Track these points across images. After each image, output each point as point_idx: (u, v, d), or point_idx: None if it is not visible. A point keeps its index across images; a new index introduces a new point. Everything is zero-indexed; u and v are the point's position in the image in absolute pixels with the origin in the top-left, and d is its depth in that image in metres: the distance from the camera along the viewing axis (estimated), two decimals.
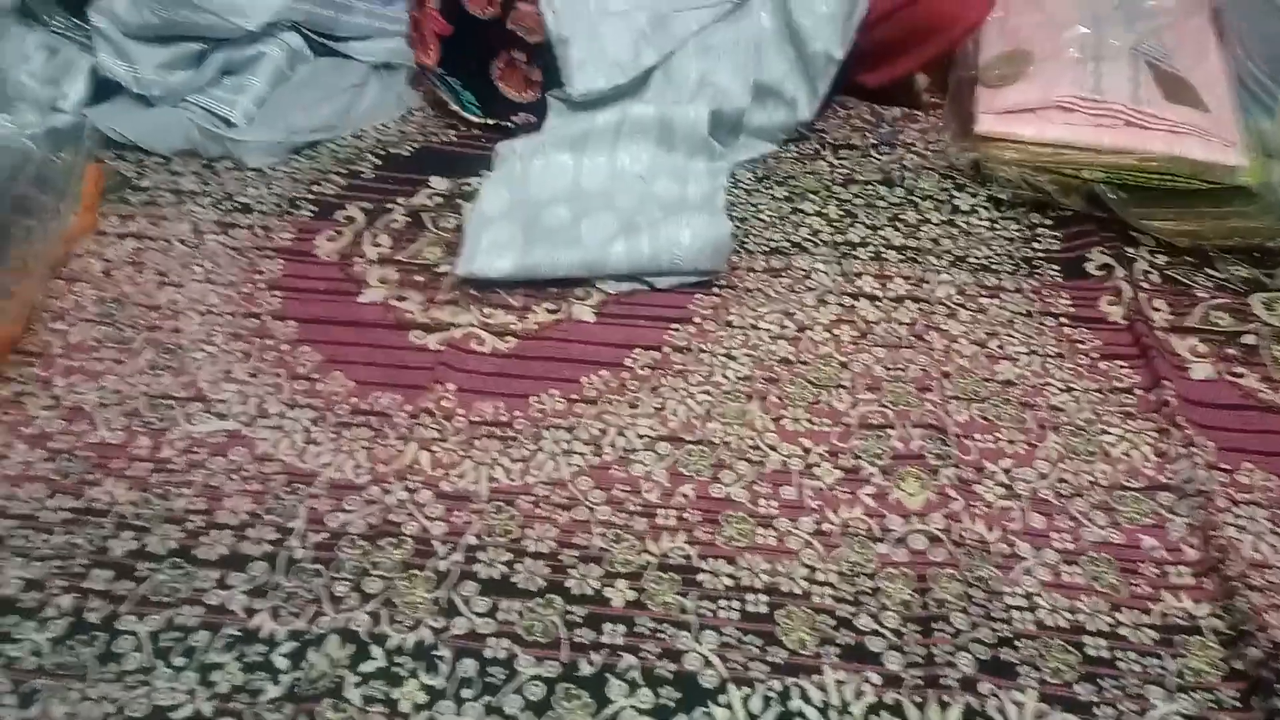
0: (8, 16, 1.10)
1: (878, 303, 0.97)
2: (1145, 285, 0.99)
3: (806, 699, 0.68)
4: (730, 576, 0.76)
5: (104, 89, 1.15)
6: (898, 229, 1.05)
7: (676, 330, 0.94)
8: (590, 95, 1.08)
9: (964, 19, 1.10)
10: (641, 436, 0.85)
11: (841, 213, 1.06)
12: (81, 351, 0.92)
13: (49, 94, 1.10)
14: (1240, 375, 0.91)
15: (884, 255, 1.02)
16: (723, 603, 0.74)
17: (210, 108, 1.13)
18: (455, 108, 1.15)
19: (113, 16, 1.10)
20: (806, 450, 0.84)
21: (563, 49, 1.07)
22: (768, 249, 1.02)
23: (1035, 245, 1.03)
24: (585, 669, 0.70)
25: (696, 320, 0.95)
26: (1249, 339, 0.94)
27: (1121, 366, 0.91)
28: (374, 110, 1.18)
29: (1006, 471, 0.83)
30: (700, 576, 0.76)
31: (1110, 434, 0.86)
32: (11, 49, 1.08)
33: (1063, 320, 0.95)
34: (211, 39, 1.14)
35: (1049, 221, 1.06)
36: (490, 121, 1.15)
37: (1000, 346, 0.93)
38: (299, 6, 1.16)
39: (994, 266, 1.01)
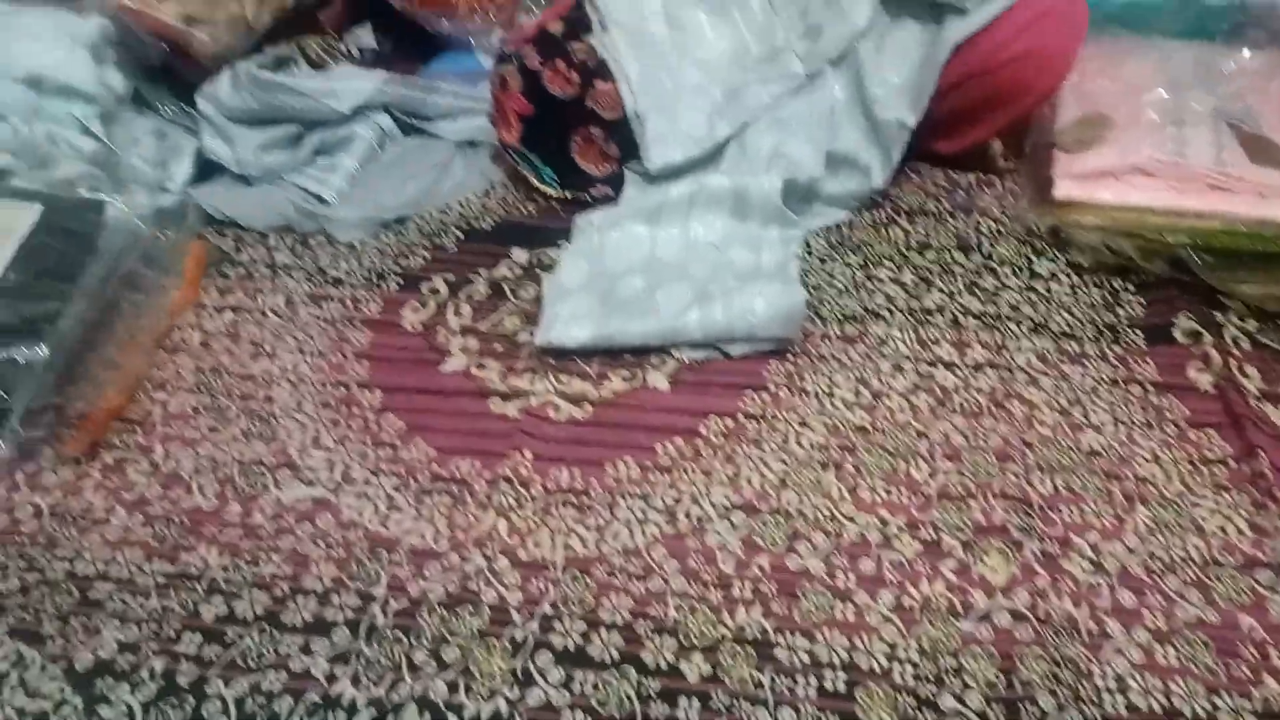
0: (124, 105, 1.17)
1: (955, 370, 0.96)
2: (1235, 351, 0.96)
3: None
4: (807, 652, 0.75)
5: (206, 170, 1.22)
6: (975, 295, 1.04)
7: (751, 398, 0.94)
8: (667, 169, 1.10)
9: (1037, 87, 1.09)
10: (716, 505, 0.85)
11: (917, 279, 1.06)
12: (179, 419, 0.96)
13: (157, 176, 1.17)
14: None
15: (961, 322, 1.01)
16: (800, 679, 0.73)
17: (305, 186, 1.19)
18: (535, 182, 1.19)
19: (217, 102, 1.18)
20: (884, 522, 0.83)
21: (639, 125, 1.10)
22: (842, 316, 1.02)
23: (1118, 311, 1.01)
24: None
25: (771, 388, 0.95)
26: None
27: (1212, 436, 0.88)
28: (458, 186, 1.22)
29: (1093, 546, 0.80)
30: (777, 651, 0.75)
31: (1202, 507, 0.83)
32: (125, 134, 1.15)
33: (1149, 388, 0.93)
34: (307, 121, 1.21)
35: (1132, 287, 1.03)
36: (569, 195, 1.18)
37: (1084, 415, 0.91)
38: (389, 89, 1.22)
39: (1076, 333, 0.99)
